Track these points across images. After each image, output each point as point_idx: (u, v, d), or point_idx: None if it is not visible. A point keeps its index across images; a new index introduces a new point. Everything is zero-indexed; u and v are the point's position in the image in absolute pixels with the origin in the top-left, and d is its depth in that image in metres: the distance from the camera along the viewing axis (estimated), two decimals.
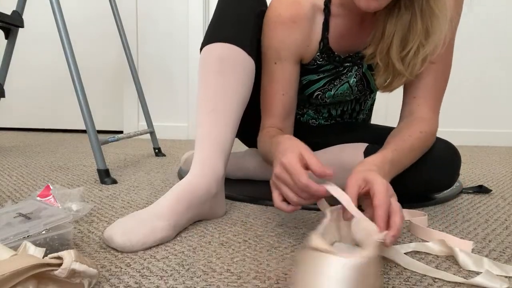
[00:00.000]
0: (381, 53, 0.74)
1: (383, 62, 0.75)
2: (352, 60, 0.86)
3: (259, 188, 0.97)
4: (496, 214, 0.81)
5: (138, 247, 0.59)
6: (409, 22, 0.70)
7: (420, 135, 0.74)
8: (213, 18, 0.81)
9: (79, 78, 1.11)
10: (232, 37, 0.76)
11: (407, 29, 0.70)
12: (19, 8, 1.44)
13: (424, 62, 0.72)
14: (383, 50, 0.74)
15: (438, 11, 0.68)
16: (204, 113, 0.75)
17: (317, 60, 0.85)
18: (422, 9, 0.68)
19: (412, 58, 0.71)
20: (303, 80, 0.89)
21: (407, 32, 0.70)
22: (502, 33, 2.03)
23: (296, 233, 0.68)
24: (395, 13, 0.71)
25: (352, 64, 0.86)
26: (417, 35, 0.70)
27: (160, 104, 2.24)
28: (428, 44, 0.70)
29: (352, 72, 0.88)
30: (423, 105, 0.78)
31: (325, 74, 0.87)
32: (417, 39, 0.70)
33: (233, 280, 0.50)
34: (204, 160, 0.72)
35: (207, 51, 0.77)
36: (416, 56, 0.71)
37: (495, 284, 0.48)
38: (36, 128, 2.53)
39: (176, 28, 2.18)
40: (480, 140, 2.09)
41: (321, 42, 0.82)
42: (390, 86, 0.77)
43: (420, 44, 0.70)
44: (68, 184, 1.04)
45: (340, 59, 0.85)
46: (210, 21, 0.82)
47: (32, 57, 2.44)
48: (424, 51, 0.70)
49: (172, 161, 1.45)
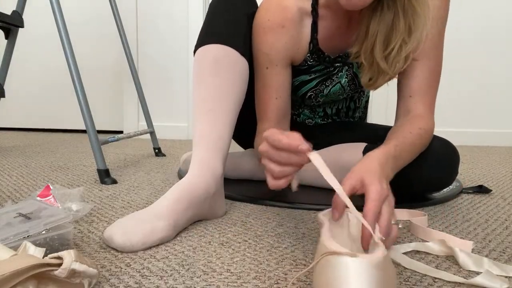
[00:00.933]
0: (365, 52, 0.75)
1: (367, 61, 0.76)
2: (342, 60, 0.87)
3: (259, 188, 0.97)
4: (496, 214, 0.81)
5: (138, 247, 0.59)
6: (392, 21, 0.71)
7: (420, 131, 0.74)
8: (205, 20, 0.83)
9: (79, 78, 1.11)
10: (225, 38, 0.77)
11: (390, 28, 0.71)
12: (19, 8, 1.44)
13: (407, 59, 0.73)
14: (367, 49, 0.75)
15: (419, 9, 0.69)
16: (200, 114, 0.76)
17: (307, 61, 0.86)
18: (404, 8, 0.69)
19: (395, 56, 0.72)
20: (295, 81, 0.90)
21: (390, 30, 0.72)
22: (502, 33, 2.03)
23: (296, 233, 0.68)
24: (378, 12, 0.72)
25: (342, 64, 0.87)
26: (399, 33, 0.71)
27: (160, 104, 2.24)
28: (410, 41, 0.71)
29: (342, 72, 0.89)
30: (419, 103, 0.79)
31: (317, 74, 0.88)
32: (399, 37, 0.71)
33: (233, 280, 0.50)
34: (202, 160, 0.72)
35: (201, 53, 0.79)
36: (399, 54, 0.72)
37: (495, 284, 0.48)
38: (36, 128, 2.53)
39: (176, 28, 2.19)
40: (480, 140, 2.09)
41: (310, 44, 0.83)
42: (375, 84, 0.78)
43: (403, 42, 0.71)
44: (68, 184, 1.04)
45: (330, 59, 0.86)
46: (203, 23, 0.83)
47: (32, 57, 2.44)
48: (407, 48, 0.72)
49: (172, 161, 1.45)
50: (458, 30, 2.02)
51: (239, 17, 0.81)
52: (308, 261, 0.56)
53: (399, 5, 0.70)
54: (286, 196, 0.89)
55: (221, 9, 0.82)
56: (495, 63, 2.06)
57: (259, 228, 0.70)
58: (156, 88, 2.24)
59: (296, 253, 0.59)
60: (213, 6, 0.83)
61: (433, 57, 0.79)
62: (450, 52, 1.50)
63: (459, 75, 2.07)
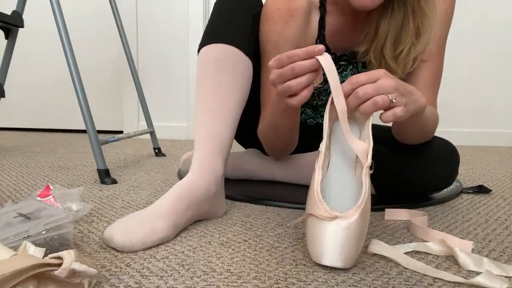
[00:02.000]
0: (375, 51, 0.76)
1: (376, 60, 0.77)
2: (347, 59, 0.87)
3: (259, 188, 0.97)
4: (496, 214, 0.81)
5: (138, 247, 0.59)
6: (401, 22, 0.72)
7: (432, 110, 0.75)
8: (210, 20, 0.83)
9: (79, 78, 1.11)
10: (229, 38, 0.77)
11: (399, 29, 0.73)
12: (19, 8, 1.44)
13: (416, 60, 0.75)
14: (377, 49, 0.76)
15: (428, 11, 0.70)
16: (202, 113, 0.76)
17: None
18: (414, 10, 0.71)
19: (405, 57, 0.74)
20: None
21: (400, 31, 0.73)
22: (502, 33, 2.03)
23: (296, 233, 0.68)
24: (389, 13, 0.73)
25: (347, 63, 0.87)
26: (409, 35, 0.72)
27: (160, 104, 2.24)
28: (419, 43, 0.73)
29: (347, 71, 0.88)
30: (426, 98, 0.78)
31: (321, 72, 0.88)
32: (409, 39, 0.72)
33: (233, 280, 0.50)
34: (203, 160, 0.72)
35: (205, 53, 0.79)
36: (409, 55, 0.74)
37: (495, 284, 0.48)
38: (36, 128, 2.53)
39: (176, 28, 2.18)
40: (480, 140, 2.09)
41: (317, 40, 0.83)
42: None
43: (412, 44, 0.73)
44: (68, 184, 1.04)
45: (336, 56, 0.86)
46: (207, 23, 0.83)
47: (32, 57, 2.44)
48: (416, 50, 0.73)
49: (172, 161, 1.45)
50: (458, 30, 2.02)
51: (243, 16, 0.80)
52: (308, 261, 0.56)
53: (409, 6, 0.71)
54: (286, 196, 0.89)
55: (225, 8, 0.81)
56: (495, 63, 2.06)
57: (259, 228, 0.70)
58: (156, 88, 2.24)
59: (296, 253, 0.59)
60: (217, 6, 0.83)
61: (437, 59, 0.80)
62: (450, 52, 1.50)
63: (459, 75, 2.07)
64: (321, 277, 0.51)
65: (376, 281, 0.50)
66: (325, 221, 0.51)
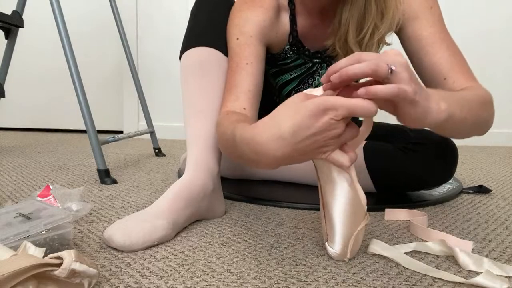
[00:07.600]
0: (339, 41, 0.76)
1: (342, 50, 0.77)
2: (320, 56, 0.87)
3: (259, 188, 0.97)
4: (496, 214, 0.81)
5: (138, 247, 0.59)
6: (363, 7, 0.72)
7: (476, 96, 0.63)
8: (188, 25, 0.84)
9: (79, 78, 1.11)
10: (208, 41, 0.79)
11: (362, 14, 0.72)
12: (19, 8, 1.44)
13: (380, 42, 0.76)
14: (341, 38, 0.76)
15: None
16: (191, 115, 0.78)
17: (287, 53, 0.85)
18: None
19: (369, 40, 0.74)
20: (279, 81, 0.91)
21: (362, 16, 0.73)
22: (502, 33, 2.03)
23: (296, 233, 0.68)
24: (349, 1, 0.73)
25: (321, 61, 0.87)
26: (372, 17, 0.72)
27: (160, 104, 2.24)
28: (382, 24, 0.72)
29: (323, 70, 0.89)
30: (459, 77, 0.71)
31: (297, 73, 0.89)
32: (372, 22, 0.72)
33: (233, 280, 0.50)
34: (197, 159, 0.74)
35: (186, 57, 0.80)
36: (372, 38, 0.74)
37: (495, 284, 0.48)
38: (36, 128, 2.53)
39: (176, 28, 2.18)
40: (480, 140, 2.09)
41: (290, 35, 0.83)
42: None
43: (375, 26, 0.73)
44: (68, 184, 1.04)
45: (310, 53, 0.86)
46: (186, 29, 0.84)
47: (32, 57, 2.44)
48: (379, 32, 0.73)
49: (172, 161, 1.45)
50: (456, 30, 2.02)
51: (220, 18, 0.81)
52: (308, 261, 0.56)
53: None
54: (286, 196, 0.89)
55: (202, 13, 0.82)
56: (495, 63, 2.05)
57: (259, 228, 0.70)
58: (156, 88, 2.24)
59: (296, 253, 0.59)
60: (195, 12, 0.84)
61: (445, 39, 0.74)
62: None
63: None
64: (321, 277, 0.51)
65: (376, 281, 0.50)
66: None
